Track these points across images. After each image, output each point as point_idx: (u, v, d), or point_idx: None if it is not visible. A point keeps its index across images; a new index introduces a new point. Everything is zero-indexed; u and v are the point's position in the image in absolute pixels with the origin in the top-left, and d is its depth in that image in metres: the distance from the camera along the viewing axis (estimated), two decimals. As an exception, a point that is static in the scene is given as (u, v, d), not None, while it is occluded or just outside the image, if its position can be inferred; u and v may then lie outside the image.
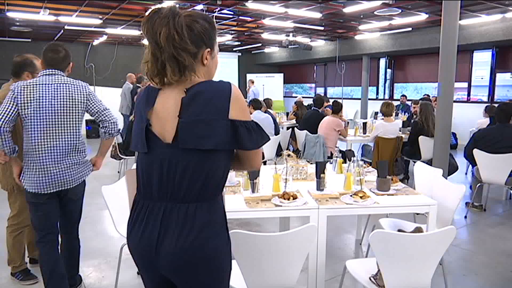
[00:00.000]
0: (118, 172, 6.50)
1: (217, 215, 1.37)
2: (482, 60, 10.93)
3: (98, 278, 3.16)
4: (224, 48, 15.74)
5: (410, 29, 10.69)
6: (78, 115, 2.53)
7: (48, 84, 2.48)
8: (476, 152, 4.46)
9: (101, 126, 2.62)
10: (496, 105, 6.04)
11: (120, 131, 3.84)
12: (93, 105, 2.58)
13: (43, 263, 2.56)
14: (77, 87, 2.55)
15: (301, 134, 6.14)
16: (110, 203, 2.63)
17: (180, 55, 1.30)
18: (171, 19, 1.29)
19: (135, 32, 11.42)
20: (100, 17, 9.34)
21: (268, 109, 7.35)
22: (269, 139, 1.45)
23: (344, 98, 13.91)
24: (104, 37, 12.68)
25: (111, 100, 12.82)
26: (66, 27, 10.46)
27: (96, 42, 13.65)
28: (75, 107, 2.50)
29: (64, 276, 2.60)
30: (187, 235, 1.29)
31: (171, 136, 1.31)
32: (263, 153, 5.48)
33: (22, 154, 2.51)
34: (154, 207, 1.34)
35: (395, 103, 8.90)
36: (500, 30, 9.06)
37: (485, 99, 10.87)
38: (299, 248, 1.94)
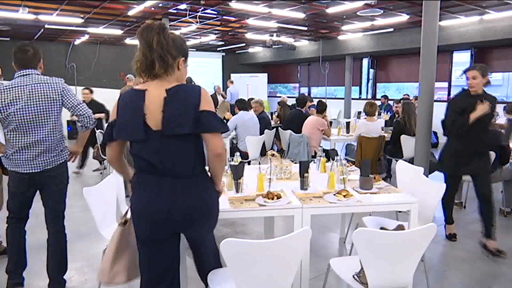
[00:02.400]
0: (101, 173, 6.42)
1: (210, 184, 1.94)
2: (462, 60, 11.16)
3: (81, 281, 3.12)
4: (208, 48, 15.68)
5: (392, 29, 10.85)
6: (56, 112, 2.67)
7: (23, 85, 2.55)
8: (456, 151, 4.54)
9: (77, 119, 2.77)
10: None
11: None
12: (68, 101, 2.69)
13: (8, 237, 2.84)
14: (51, 86, 2.64)
15: (285, 134, 6.17)
16: (92, 204, 2.59)
17: (165, 56, 1.78)
18: (161, 30, 1.78)
19: (117, 32, 11.28)
20: (82, 16, 9.20)
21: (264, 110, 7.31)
22: (228, 129, 1.92)
23: (327, 98, 14.03)
24: (86, 37, 12.50)
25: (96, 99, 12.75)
26: (46, 26, 10.28)
27: (77, 42, 13.44)
28: (52, 106, 2.63)
29: (23, 250, 2.85)
30: (193, 196, 1.84)
31: (160, 125, 1.75)
32: (247, 153, 5.49)
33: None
34: (160, 180, 1.81)
35: (378, 102, 9.03)
36: (478, 32, 9.27)
37: (464, 98, 11.08)
38: (294, 253, 1.90)
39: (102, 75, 14.07)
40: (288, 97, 11.95)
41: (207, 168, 1.97)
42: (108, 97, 10.29)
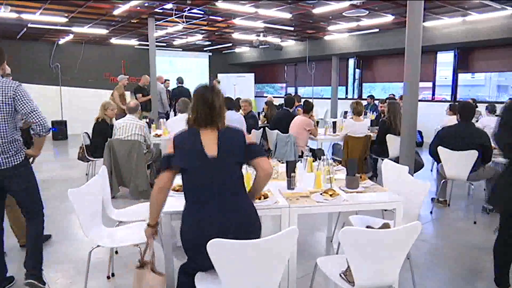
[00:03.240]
0: (86, 174, 6.34)
1: (250, 200, 2.28)
2: (446, 61, 11.34)
3: (66, 284, 3.08)
4: (195, 48, 15.62)
5: (377, 30, 10.96)
6: (7, 116, 2.68)
7: None
8: (440, 150, 4.63)
9: (30, 127, 2.78)
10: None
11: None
12: (21, 106, 2.69)
13: None
14: (3, 89, 2.66)
15: (272, 134, 6.19)
16: (77, 206, 2.56)
17: (221, 111, 2.25)
18: (218, 92, 2.28)
19: (102, 31, 11.15)
20: (66, 15, 9.07)
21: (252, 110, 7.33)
22: (265, 152, 2.25)
23: (314, 98, 14.09)
24: (71, 36, 12.32)
25: (80, 100, 12.62)
26: (29, 25, 10.09)
27: (62, 41, 13.23)
28: (2, 109, 2.66)
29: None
30: (244, 211, 2.18)
31: (215, 154, 2.14)
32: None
33: None
34: (214, 200, 2.11)
35: (364, 102, 9.11)
36: (461, 32, 9.43)
37: (448, 98, 11.28)
38: (281, 253, 1.91)
39: (87, 75, 13.88)
40: (274, 97, 11.98)
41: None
42: (93, 99, 10.20)
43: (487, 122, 6.61)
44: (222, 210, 2.10)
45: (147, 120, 6.79)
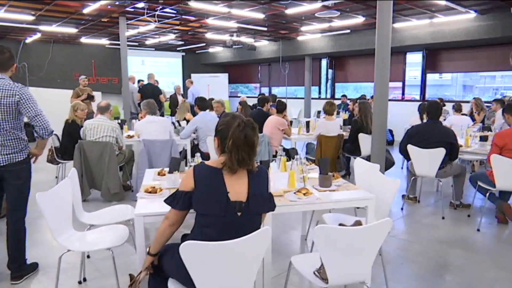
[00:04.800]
0: (56, 177, 6.16)
1: None
2: (414, 61, 11.66)
3: (35, 290, 2.99)
4: (168, 47, 15.44)
5: (349, 31, 11.15)
6: (12, 117, 2.88)
7: None
8: (410, 148, 4.75)
9: (34, 129, 2.98)
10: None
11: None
12: (25, 110, 2.89)
13: None
14: (9, 92, 2.83)
15: (247, 134, 6.18)
16: (46, 210, 2.48)
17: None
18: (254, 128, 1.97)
19: (71, 30, 10.87)
20: (33, 13, 8.79)
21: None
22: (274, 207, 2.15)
23: (288, 98, 14.20)
24: (38, 35, 11.95)
25: (48, 101, 12.21)
26: (-7, 23, 9.74)
27: (29, 40, 12.81)
28: (8, 111, 2.85)
29: None
30: None
31: (244, 201, 1.92)
32: (208, 154, 5.46)
33: None
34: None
35: (337, 102, 9.25)
36: (428, 34, 9.72)
37: (417, 97, 11.60)
38: (255, 253, 1.91)
39: (56, 75, 13.49)
40: (248, 97, 12.00)
41: None
42: (63, 99, 9.90)
43: (454, 121, 6.85)
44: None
45: (119, 121, 6.66)
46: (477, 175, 4.70)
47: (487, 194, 4.41)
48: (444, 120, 7.02)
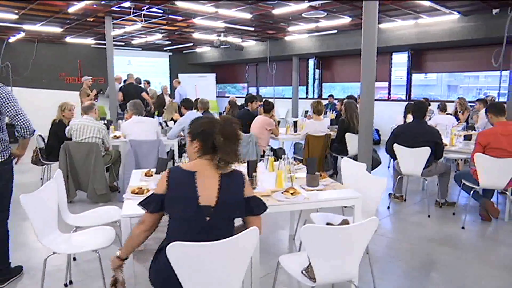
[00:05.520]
0: (41, 179, 6.07)
1: None
2: (400, 61, 11.80)
3: (20, 294, 2.94)
4: (154, 47, 15.33)
5: (335, 31, 11.22)
6: None
7: None
8: (396, 147, 4.81)
9: (15, 129, 2.93)
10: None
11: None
12: (6, 109, 2.85)
13: None
14: None
15: (235, 134, 6.17)
16: (31, 212, 2.44)
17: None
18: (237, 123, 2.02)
19: (56, 29, 10.71)
20: (16, 11, 8.63)
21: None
22: (265, 209, 2.09)
23: (275, 98, 14.22)
24: (22, 34, 11.74)
25: (33, 102, 12.03)
26: (-25, 22, 9.54)
27: (12, 39, 12.57)
28: None
29: None
30: None
31: (213, 205, 1.89)
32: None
33: None
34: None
35: (325, 102, 9.31)
36: (414, 35, 9.84)
37: (403, 97, 11.73)
38: (242, 253, 1.91)
39: (41, 75, 13.28)
40: (237, 97, 11.98)
41: None
42: (48, 100, 9.76)
43: (439, 120, 6.95)
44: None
45: (106, 122, 6.59)
46: (462, 173, 4.78)
47: (471, 192, 4.48)
48: (429, 119, 7.11)
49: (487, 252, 3.73)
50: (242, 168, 3.25)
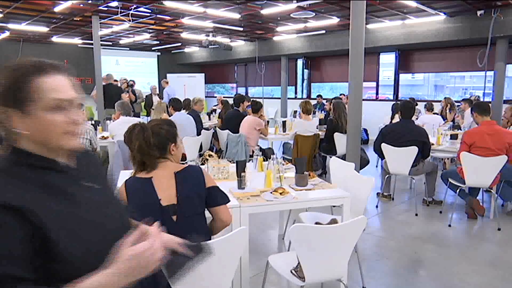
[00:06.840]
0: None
1: None
2: (388, 61, 11.91)
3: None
4: (142, 47, 15.23)
5: (324, 31, 11.27)
6: None
7: None
8: (383, 146, 4.85)
9: None
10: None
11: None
12: None
13: None
14: None
15: (223, 134, 6.18)
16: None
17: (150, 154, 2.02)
18: (141, 133, 2.05)
19: (42, 29, 10.57)
20: (1, 10, 8.49)
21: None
22: (228, 200, 2.11)
23: (264, 98, 14.24)
24: (7, 33, 11.56)
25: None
26: (-42, 21, 9.36)
27: (-4, 39, 12.39)
28: None
29: None
30: None
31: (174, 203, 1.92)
32: (184, 154, 5.42)
33: None
34: None
35: (312, 102, 9.35)
36: (401, 35, 9.95)
37: (391, 97, 11.85)
38: (231, 254, 1.91)
39: (26, 75, 13.08)
40: (225, 97, 11.96)
41: None
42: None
43: (426, 120, 7.03)
44: None
45: (93, 122, 6.52)
46: (448, 172, 4.85)
47: (458, 191, 4.55)
48: (417, 119, 7.19)
49: (472, 249, 3.79)
50: (232, 168, 3.27)
